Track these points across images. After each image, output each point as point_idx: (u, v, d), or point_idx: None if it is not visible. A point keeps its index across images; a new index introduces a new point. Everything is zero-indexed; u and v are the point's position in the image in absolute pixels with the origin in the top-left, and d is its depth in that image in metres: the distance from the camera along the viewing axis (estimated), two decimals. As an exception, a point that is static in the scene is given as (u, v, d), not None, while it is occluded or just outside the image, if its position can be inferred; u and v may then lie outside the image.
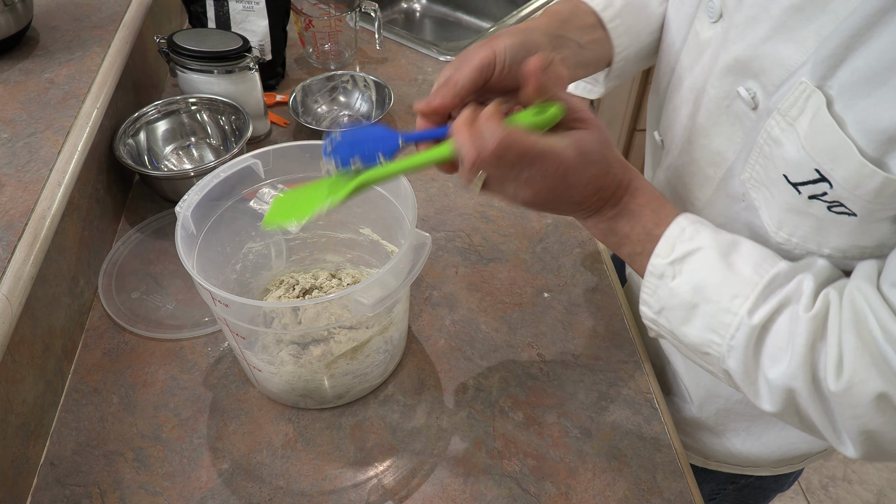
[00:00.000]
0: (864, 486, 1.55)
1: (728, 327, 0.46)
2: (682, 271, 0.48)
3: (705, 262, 0.47)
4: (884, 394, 0.40)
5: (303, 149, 0.68)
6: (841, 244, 0.47)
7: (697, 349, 0.49)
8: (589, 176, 0.47)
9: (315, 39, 1.11)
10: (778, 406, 0.46)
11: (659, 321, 0.51)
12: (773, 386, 0.46)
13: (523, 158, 0.44)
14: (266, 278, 0.76)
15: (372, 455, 0.63)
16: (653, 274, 0.50)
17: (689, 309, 0.48)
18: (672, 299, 0.49)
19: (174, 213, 0.60)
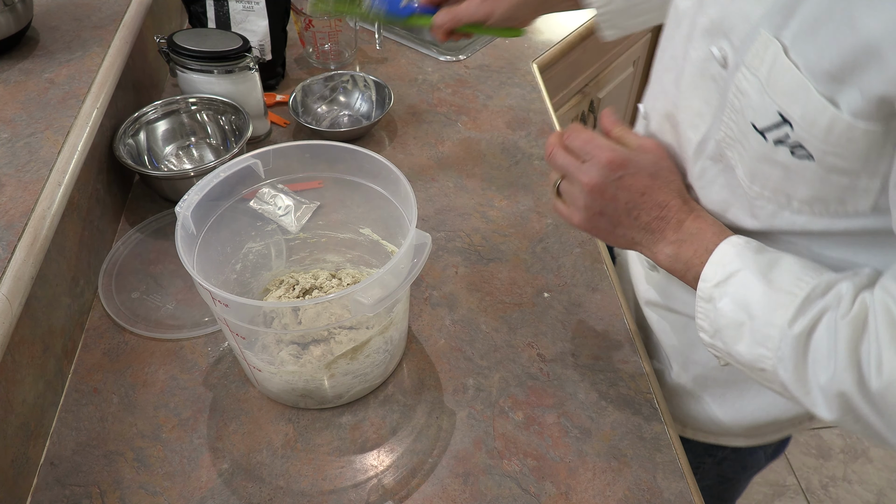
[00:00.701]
0: (864, 486, 1.55)
1: (772, 339, 0.49)
2: (727, 293, 0.52)
3: (746, 282, 0.51)
4: None
5: (303, 149, 0.68)
6: (806, 195, 0.50)
7: (753, 366, 0.51)
8: (664, 176, 0.57)
9: (315, 39, 1.11)
10: (835, 413, 0.48)
11: (716, 344, 0.54)
12: (826, 392, 0.47)
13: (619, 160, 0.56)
14: (266, 278, 0.76)
15: (372, 455, 0.63)
16: (702, 298, 0.54)
17: (737, 328, 0.51)
18: (721, 320, 0.52)
19: (174, 213, 0.60)
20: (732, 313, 0.51)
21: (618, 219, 0.57)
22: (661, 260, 0.57)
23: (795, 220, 0.52)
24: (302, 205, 0.78)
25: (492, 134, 1.01)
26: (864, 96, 0.41)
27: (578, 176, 0.57)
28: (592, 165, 0.56)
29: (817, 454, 1.61)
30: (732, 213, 0.56)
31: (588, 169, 0.56)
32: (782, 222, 0.53)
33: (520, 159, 0.97)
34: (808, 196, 0.49)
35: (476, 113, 1.06)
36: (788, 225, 0.53)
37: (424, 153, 0.98)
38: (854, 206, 0.48)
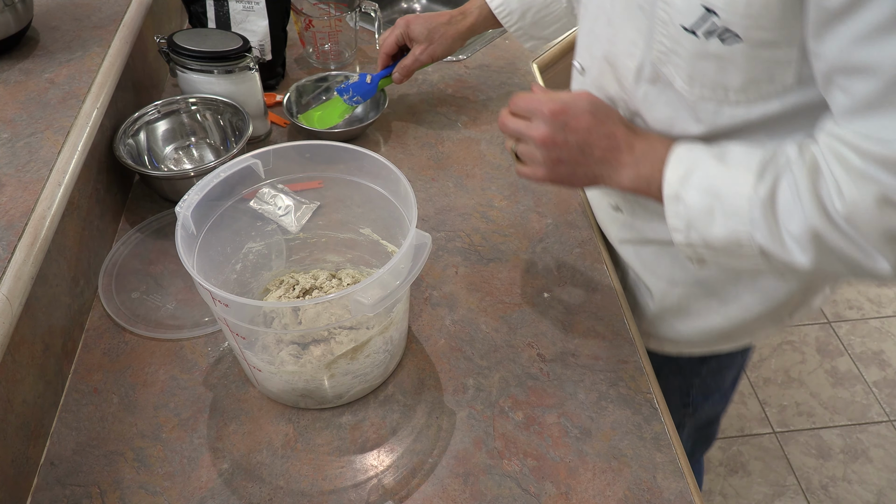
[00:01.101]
0: (864, 486, 1.55)
1: (743, 209, 0.54)
2: (691, 185, 0.57)
3: (706, 169, 0.56)
4: (882, 196, 0.47)
5: (303, 149, 0.68)
6: (739, 81, 0.55)
7: (730, 244, 0.56)
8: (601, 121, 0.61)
9: (315, 39, 1.11)
10: (812, 255, 0.53)
11: (691, 238, 0.58)
12: (799, 238, 0.52)
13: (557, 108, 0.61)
14: (266, 278, 0.76)
15: (372, 455, 0.63)
16: (670, 199, 0.58)
17: (708, 213, 0.56)
18: (692, 211, 0.57)
19: (174, 213, 0.60)
20: (701, 201, 0.56)
21: (574, 160, 0.62)
22: (625, 184, 0.62)
23: (735, 114, 0.58)
24: (302, 205, 0.78)
25: (492, 134, 1.01)
26: None
27: (529, 133, 0.62)
28: (538, 120, 0.62)
29: (817, 454, 1.61)
30: (678, 125, 0.62)
31: (536, 125, 0.62)
32: (724, 118, 0.58)
33: (520, 159, 0.97)
34: (742, 82, 0.55)
35: (476, 113, 1.06)
36: (730, 120, 0.58)
37: (424, 153, 0.98)
38: (782, 81, 0.54)
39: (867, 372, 1.78)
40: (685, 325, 0.80)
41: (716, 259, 0.59)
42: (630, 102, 0.65)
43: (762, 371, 1.78)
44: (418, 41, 0.94)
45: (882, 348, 1.83)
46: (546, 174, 0.64)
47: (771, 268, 0.56)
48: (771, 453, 1.61)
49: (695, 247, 0.59)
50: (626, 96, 0.65)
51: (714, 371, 0.90)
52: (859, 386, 1.75)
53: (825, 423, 1.67)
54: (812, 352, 1.83)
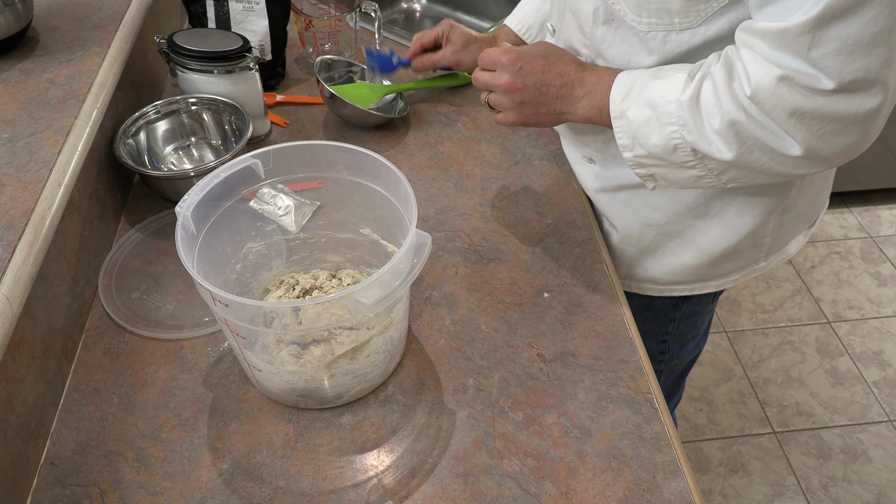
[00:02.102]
0: (864, 486, 1.55)
1: (672, 113, 0.61)
2: (632, 101, 0.64)
3: (643, 85, 0.64)
4: (781, 76, 0.54)
5: (303, 149, 0.68)
6: (680, 3, 0.61)
7: (668, 150, 0.63)
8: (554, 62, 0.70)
9: (315, 39, 1.11)
10: (733, 146, 0.59)
11: (637, 151, 0.66)
12: (721, 131, 0.59)
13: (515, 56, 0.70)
14: (266, 278, 0.76)
15: (372, 455, 0.63)
16: (615, 117, 0.66)
17: (646, 123, 0.63)
18: (633, 124, 0.64)
19: (174, 213, 0.60)
20: (640, 113, 0.63)
21: (536, 100, 0.71)
22: (581, 115, 0.70)
23: (681, 39, 0.64)
24: (302, 205, 0.78)
25: (492, 134, 1.01)
26: None
27: (495, 82, 0.71)
28: (500, 70, 0.71)
29: (817, 454, 1.61)
30: (634, 60, 0.69)
31: (499, 74, 0.71)
32: (672, 45, 0.65)
33: (520, 159, 0.97)
34: (682, 3, 0.61)
35: (476, 113, 1.06)
36: (677, 46, 0.65)
37: (424, 153, 0.98)
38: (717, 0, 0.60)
39: (867, 372, 1.78)
40: (660, 264, 0.86)
41: (662, 172, 0.66)
42: (591, 46, 0.72)
43: (762, 371, 1.78)
44: (453, 44, 0.99)
45: (882, 348, 1.83)
46: (515, 117, 0.73)
47: (703, 168, 0.63)
48: (771, 453, 1.61)
49: (641, 160, 0.66)
50: (588, 41, 0.72)
51: (687, 315, 0.95)
52: (859, 386, 1.75)
53: (825, 423, 1.67)
54: (812, 352, 1.83)
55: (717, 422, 1.67)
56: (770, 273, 2.03)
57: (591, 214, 0.88)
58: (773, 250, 0.85)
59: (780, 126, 0.56)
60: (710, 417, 1.68)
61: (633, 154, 0.66)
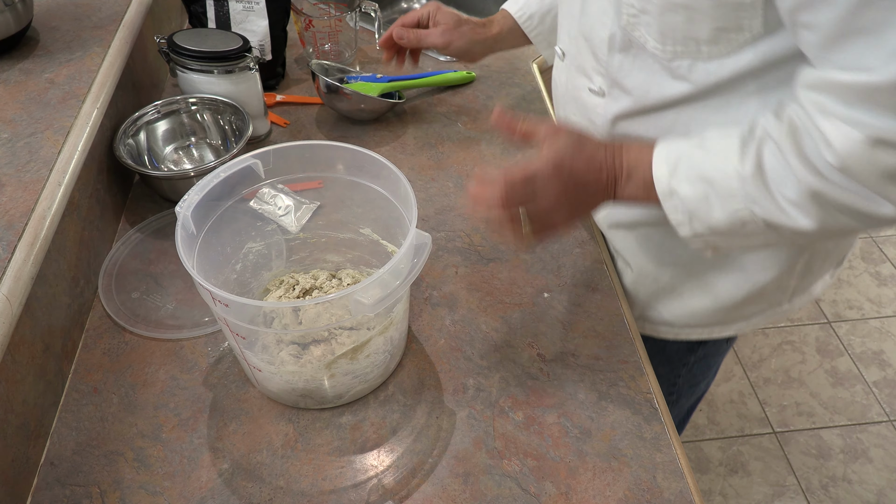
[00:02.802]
0: (864, 486, 1.55)
1: (736, 188, 0.54)
2: (681, 178, 0.57)
3: (691, 160, 0.57)
4: (872, 137, 0.46)
5: (303, 148, 0.68)
6: (709, 31, 0.55)
7: (735, 225, 0.56)
8: (582, 161, 0.59)
9: (315, 39, 1.11)
10: (817, 217, 0.52)
11: (696, 228, 0.59)
12: (798, 201, 0.52)
13: (525, 183, 0.57)
14: (266, 278, 0.76)
15: (372, 455, 0.63)
16: (665, 196, 0.58)
17: (704, 200, 0.56)
18: (689, 203, 0.57)
19: (174, 213, 0.60)
20: (694, 191, 0.56)
21: (584, 199, 0.61)
22: (629, 197, 0.61)
23: (709, 69, 0.58)
24: (302, 205, 0.78)
25: (492, 134, 1.01)
26: None
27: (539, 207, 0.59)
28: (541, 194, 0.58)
29: (817, 454, 1.61)
30: (655, 88, 0.63)
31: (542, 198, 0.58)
32: (699, 75, 0.59)
33: (520, 159, 0.97)
34: (711, 31, 0.55)
35: (476, 113, 1.06)
36: (704, 77, 0.59)
37: (424, 153, 0.98)
38: (750, 29, 0.54)
39: (867, 372, 1.78)
40: (676, 306, 0.81)
41: (728, 243, 0.60)
42: (607, 75, 0.67)
43: (762, 371, 1.78)
44: (444, 24, 0.91)
45: (882, 348, 1.83)
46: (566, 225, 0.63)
47: (781, 238, 0.57)
48: (771, 453, 1.61)
49: (702, 236, 0.59)
50: (603, 69, 0.67)
51: (701, 358, 0.91)
52: (859, 386, 1.75)
53: (825, 423, 1.67)
54: (812, 352, 1.83)
55: (717, 422, 1.67)
56: (770, 273, 2.03)
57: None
58: (798, 293, 0.79)
59: (872, 190, 0.49)
60: (710, 417, 1.68)
61: (691, 231, 0.59)
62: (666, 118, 0.65)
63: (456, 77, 1.10)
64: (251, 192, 0.70)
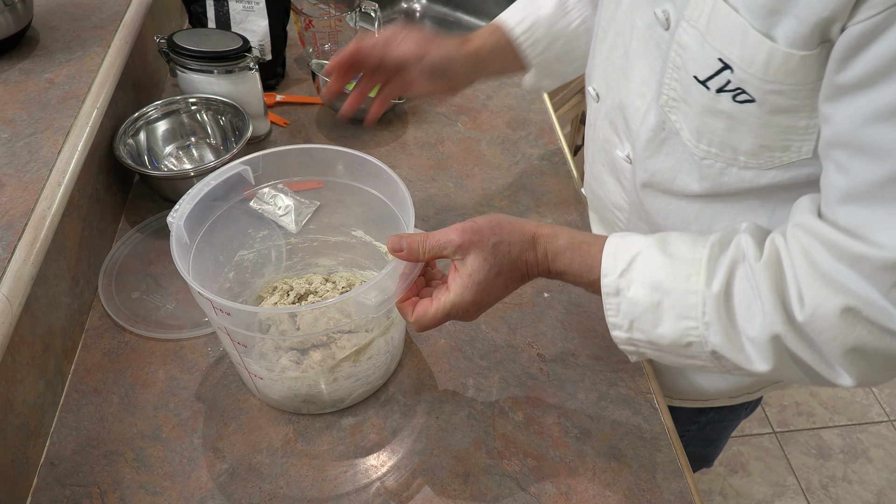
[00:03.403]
0: (864, 486, 1.55)
1: (695, 307, 0.49)
2: (633, 279, 0.51)
3: (649, 261, 0.51)
4: (847, 307, 0.43)
5: (293, 153, 0.67)
6: (751, 145, 0.51)
7: (679, 344, 0.51)
8: (501, 280, 0.54)
9: (315, 39, 1.11)
10: (771, 361, 0.48)
11: (634, 337, 0.53)
12: (758, 342, 0.48)
13: (445, 317, 0.54)
14: (259, 286, 0.75)
15: (372, 455, 0.63)
16: (609, 294, 0.53)
17: (654, 309, 0.51)
18: (636, 307, 0.52)
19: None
20: (646, 297, 0.51)
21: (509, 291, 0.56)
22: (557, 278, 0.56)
23: (743, 177, 0.54)
24: (302, 205, 0.78)
25: (492, 134, 1.01)
26: (799, 22, 0.42)
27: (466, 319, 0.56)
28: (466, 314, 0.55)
29: (817, 454, 1.61)
30: (680, 179, 0.58)
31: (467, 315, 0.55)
32: (730, 180, 0.54)
33: (520, 159, 0.97)
34: (753, 146, 0.51)
35: (476, 113, 1.06)
36: (737, 183, 0.54)
37: (424, 153, 0.98)
38: (798, 151, 0.50)
39: (867, 372, 1.78)
40: (685, 379, 0.77)
41: (661, 357, 0.55)
42: (634, 147, 0.62)
43: (762, 371, 1.78)
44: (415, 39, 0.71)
45: (882, 348, 1.83)
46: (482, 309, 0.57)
47: (720, 368, 0.52)
48: (771, 453, 1.61)
49: (637, 344, 0.54)
50: (632, 139, 0.62)
51: (714, 420, 0.85)
52: (859, 386, 1.75)
53: (825, 423, 1.67)
54: (812, 352, 1.83)
55: (717, 422, 1.67)
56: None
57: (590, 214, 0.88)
58: None
59: (833, 359, 0.46)
60: (710, 417, 1.68)
61: (627, 336, 0.54)
62: (692, 206, 0.60)
63: None
64: (252, 193, 0.69)
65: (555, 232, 0.55)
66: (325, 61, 1.05)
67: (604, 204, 0.74)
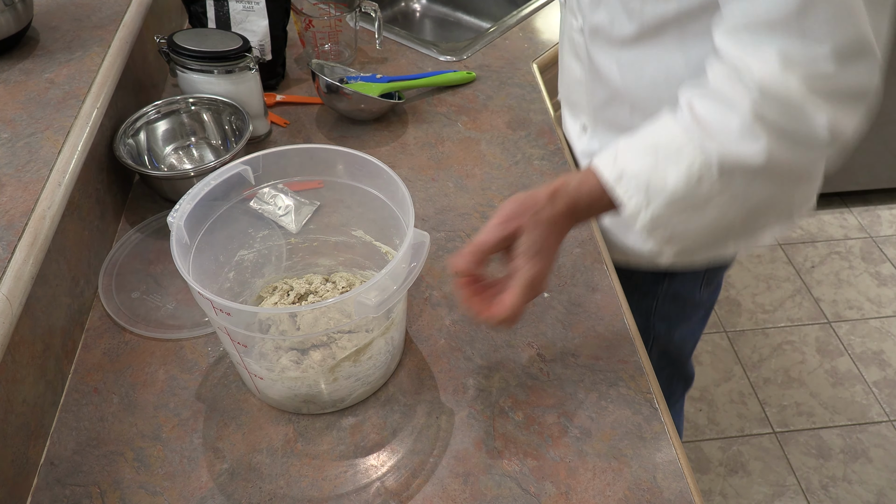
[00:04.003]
0: (864, 486, 1.55)
1: (682, 140, 0.57)
2: (626, 159, 0.59)
3: (629, 142, 0.60)
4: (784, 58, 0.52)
5: (292, 153, 0.67)
6: None
7: (691, 185, 0.57)
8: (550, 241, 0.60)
9: (315, 39, 1.11)
10: (762, 138, 0.54)
11: (656, 211, 0.58)
12: (745, 126, 0.55)
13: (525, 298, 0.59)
14: (259, 286, 0.75)
15: (372, 455, 0.63)
16: (615, 182, 0.59)
17: (655, 167, 0.57)
18: (641, 176, 0.58)
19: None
20: (643, 162, 0.58)
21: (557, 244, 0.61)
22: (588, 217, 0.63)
23: (665, 8, 0.65)
24: (302, 205, 0.78)
25: (492, 134, 1.01)
26: None
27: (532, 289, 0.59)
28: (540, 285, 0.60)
29: (817, 454, 1.61)
30: (617, 24, 0.71)
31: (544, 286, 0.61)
32: (648, 12, 0.66)
33: (520, 159, 0.97)
34: None
35: (476, 113, 1.06)
36: (660, 15, 0.66)
37: (424, 153, 0.98)
38: None
39: (867, 372, 1.78)
40: (633, 236, 0.84)
41: (682, 225, 0.60)
42: (582, 12, 0.77)
43: (762, 371, 1.78)
44: None
45: (882, 348, 1.83)
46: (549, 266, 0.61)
47: (734, 186, 0.58)
48: (771, 453, 1.61)
49: (659, 217, 0.59)
50: (581, 9, 0.77)
51: (671, 298, 0.93)
52: (859, 386, 1.75)
53: (825, 423, 1.67)
54: (812, 352, 1.83)
55: (717, 422, 1.67)
56: (770, 273, 2.03)
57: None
58: (744, 237, 0.81)
59: (799, 106, 0.54)
60: (710, 417, 1.68)
61: (649, 214, 0.58)
62: (628, 54, 0.73)
63: (456, 77, 1.10)
64: (252, 193, 0.69)
65: (563, 181, 0.61)
66: (325, 61, 1.05)
67: (570, 89, 0.89)
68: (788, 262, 2.07)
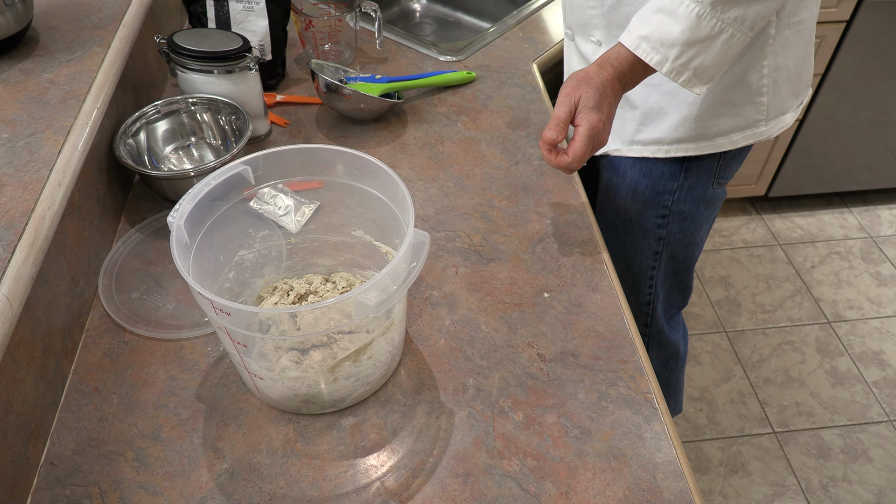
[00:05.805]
0: (864, 486, 1.55)
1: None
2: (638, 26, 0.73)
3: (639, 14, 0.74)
4: None
5: (292, 153, 0.67)
6: None
7: (693, 26, 0.70)
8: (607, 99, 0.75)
9: (315, 39, 1.11)
10: None
11: (672, 55, 0.72)
12: None
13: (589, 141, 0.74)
14: (259, 286, 0.75)
15: (372, 455, 0.63)
16: (636, 47, 0.73)
17: (661, 25, 0.71)
18: (654, 35, 0.72)
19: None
20: (651, 23, 0.71)
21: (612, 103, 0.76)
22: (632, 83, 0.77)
23: None
24: (302, 205, 0.78)
25: (492, 134, 1.01)
26: None
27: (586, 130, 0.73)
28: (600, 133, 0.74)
29: (817, 454, 1.61)
30: None
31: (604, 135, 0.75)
32: None
33: (520, 159, 0.97)
34: None
35: (476, 113, 1.06)
36: None
37: (424, 153, 0.98)
38: None
39: (867, 372, 1.78)
40: (664, 124, 0.91)
41: (700, 59, 0.72)
42: None
43: (762, 371, 1.78)
44: None
45: (882, 348, 1.83)
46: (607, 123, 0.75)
47: (727, 23, 0.69)
48: (771, 453, 1.61)
49: (679, 61, 0.72)
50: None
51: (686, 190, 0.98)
52: (859, 386, 1.75)
53: (825, 423, 1.67)
54: (812, 352, 1.83)
55: (717, 422, 1.67)
56: (770, 273, 2.03)
57: (590, 214, 0.88)
58: (771, 115, 0.90)
59: None
60: (710, 417, 1.68)
61: (670, 64, 0.72)
62: None
63: (456, 77, 1.10)
64: (252, 193, 0.69)
65: (605, 56, 0.76)
66: (324, 61, 1.05)
67: (579, 11, 0.93)
68: (788, 262, 2.07)
